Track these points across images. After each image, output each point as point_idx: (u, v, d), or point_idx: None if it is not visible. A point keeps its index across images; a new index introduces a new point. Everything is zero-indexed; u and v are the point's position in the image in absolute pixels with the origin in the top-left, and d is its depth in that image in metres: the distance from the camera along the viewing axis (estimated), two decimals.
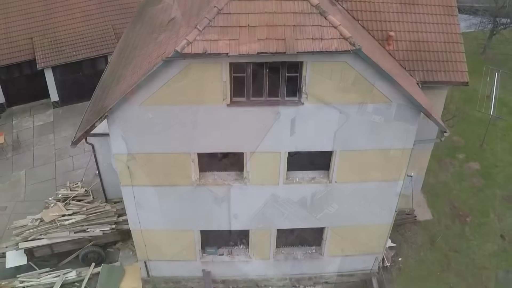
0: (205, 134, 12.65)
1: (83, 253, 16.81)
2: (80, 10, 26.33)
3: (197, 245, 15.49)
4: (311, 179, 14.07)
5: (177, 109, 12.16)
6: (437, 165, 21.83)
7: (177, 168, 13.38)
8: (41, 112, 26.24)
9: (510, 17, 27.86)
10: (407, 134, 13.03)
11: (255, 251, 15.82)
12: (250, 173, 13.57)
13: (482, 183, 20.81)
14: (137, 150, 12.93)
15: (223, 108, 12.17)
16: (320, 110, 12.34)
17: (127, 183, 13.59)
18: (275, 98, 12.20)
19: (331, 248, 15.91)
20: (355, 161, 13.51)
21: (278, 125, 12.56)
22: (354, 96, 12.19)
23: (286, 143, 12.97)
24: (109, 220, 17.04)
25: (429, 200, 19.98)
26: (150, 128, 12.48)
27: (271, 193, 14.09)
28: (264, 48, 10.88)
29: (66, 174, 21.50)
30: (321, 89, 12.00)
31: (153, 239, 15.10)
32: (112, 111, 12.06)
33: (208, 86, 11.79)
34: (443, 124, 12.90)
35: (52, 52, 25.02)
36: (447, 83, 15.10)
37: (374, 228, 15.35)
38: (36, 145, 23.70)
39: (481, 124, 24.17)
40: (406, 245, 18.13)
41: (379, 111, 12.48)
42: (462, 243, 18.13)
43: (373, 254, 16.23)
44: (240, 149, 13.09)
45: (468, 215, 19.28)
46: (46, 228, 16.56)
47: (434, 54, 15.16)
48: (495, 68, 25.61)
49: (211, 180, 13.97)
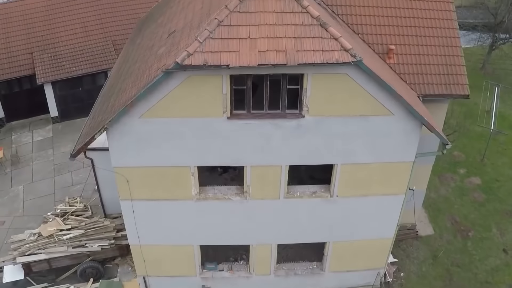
0: (205, 147, 12.55)
1: (82, 268, 16.55)
2: (81, 26, 26.51)
3: (196, 261, 15.27)
4: (312, 193, 13.93)
5: (177, 121, 12.08)
6: (438, 180, 21.75)
7: (177, 182, 13.24)
8: (40, 127, 26.19)
9: (509, 32, 28.02)
10: (408, 147, 12.95)
11: (255, 266, 15.59)
12: (251, 187, 13.43)
13: (483, 197, 20.68)
14: (137, 164, 12.81)
15: (224, 121, 12.09)
16: (321, 123, 12.27)
17: (126, 197, 13.43)
18: (275, 111, 12.14)
19: (332, 264, 15.68)
20: (357, 174, 13.39)
21: (278, 138, 12.47)
22: (355, 109, 12.14)
23: (286, 157, 12.87)
24: (108, 235, 16.83)
25: (430, 215, 19.83)
26: (150, 141, 12.38)
27: (272, 207, 13.93)
28: (264, 59, 10.86)
29: (65, 189, 21.33)
30: (322, 101, 11.95)
31: (152, 254, 14.88)
32: (111, 124, 11.97)
33: (208, 98, 11.74)
34: (444, 136, 12.81)
35: (52, 67, 25.09)
36: (448, 96, 15.08)
37: (376, 243, 15.15)
38: (35, 160, 23.58)
39: (481, 139, 24.19)
40: (408, 260, 17.91)
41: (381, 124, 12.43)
42: (464, 258, 17.92)
43: (375, 269, 16.00)
44: (241, 162, 12.97)
45: (470, 229, 19.11)
46: (44, 242, 16.34)
47: (434, 67, 15.19)
48: (494, 82, 25.68)
49: (211, 194, 13.83)
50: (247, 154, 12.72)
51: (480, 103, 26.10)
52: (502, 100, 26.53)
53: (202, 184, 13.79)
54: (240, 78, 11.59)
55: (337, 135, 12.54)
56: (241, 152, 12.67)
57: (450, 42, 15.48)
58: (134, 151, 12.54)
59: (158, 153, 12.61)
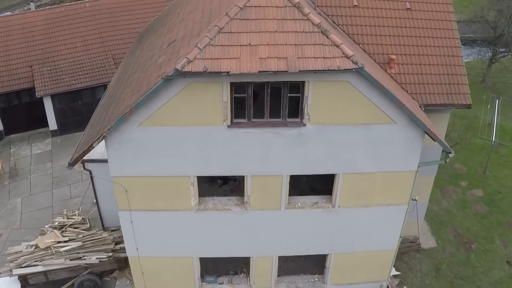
0: (205, 156, 12.38)
1: (79, 281, 16.23)
2: (81, 40, 26.58)
3: (196, 273, 14.96)
4: (314, 204, 13.72)
5: (176, 130, 11.93)
6: (440, 192, 21.57)
7: (176, 192, 13.03)
8: (39, 140, 26.05)
9: (508, 45, 28.11)
10: (411, 156, 12.78)
11: (256, 279, 15.28)
12: (251, 197, 13.22)
13: (486, 210, 20.47)
14: (135, 173, 12.62)
15: (224, 130, 11.96)
16: (323, 131, 12.13)
17: (125, 207, 13.21)
18: (276, 119, 12.02)
19: (334, 276, 15.38)
20: (359, 184, 13.20)
21: (279, 147, 12.32)
22: (357, 117, 12.01)
23: (287, 166, 12.69)
24: (106, 248, 16.55)
25: (432, 227, 19.60)
26: (149, 150, 12.22)
27: (273, 218, 13.70)
28: (265, 66, 10.78)
29: (63, 202, 21.11)
30: (324, 109, 11.84)
31: (151, 266, 14.58)
32: (110, 132, 11.83)
33: (208, 106, 11.62)
34: (447, 145, 12.67)
35: (52, 81, 25.07)
36: (449, 105, 15.01)
37: (379, 255, 14.87)
38: (34, 173, 23.39)
39: (483, 151, 24.11)
40: (411, 273, 17.62)
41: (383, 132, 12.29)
42: (467, 270, 17.64)
43: (378, 282, 15.67)
44: (241, 172, 12.78)
45: (473, 242, 18.85)
46: (41, 254, 16.05)
47: (436, 77, 15.15)
48: (495, 95, 25.67)
49: (211, 205, 13.61)
50: (248, 164, 12.55)
51: (481, 116, 26.05)
52: (503, 113, 26.50)
53: (202, 196, 13.61)
54: (241, 85, 11.49)
55: (338, 144, 12.39)
56: (241, 161, 12.50)
57: (451, 52, 15.47)
58: (133, 160, 12.37)
59: (157, 162, 12.43)
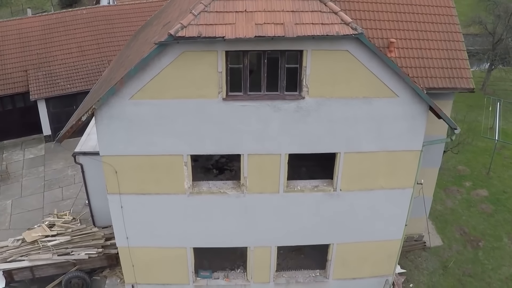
0: (199, 132, 11.82)
1: (66, 278, 15.30)
2: (77, 45, 26.36)
3: (190, 266, 14.14)
4: (314, 187, 13.07)
5: (169, 104, 11.43)
6: (444, 193, 20.92)
7: (169, 174, 12.41)
8: (32, 146, 25.52)
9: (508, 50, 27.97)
10: (415, 134, 12.26)
11: (253, 273, 14.46)
12: (248, 179, 12.59)
13: (491, 209, 19.77)
14: (126, 152, 12.03)
15: (219, 103, 11.45)
16: (322, 105, 11.63)
17: (115, 190, 12.55)
18: (274, 92, 11.53)
19: (336, 270, 14.57)
20: (361, 165, 12.60)
21: (277, 122, 11.79)
22: (358, 90, 11.55)
23: (286, 144, 12.13)
24: (96, 243, 15.74)
25: (438, 226, 18.86)
26: (140, 126, 11.68)
27: (271, 202, 13.03)
28: (262, 32, 10.36)
29: (54, 204, 20.36)
30: (323, 81, 11.38)
31: (142, 258, 13.79)
32: (100, 106, 11.33)
33: (202, 77, 11.16)
34: (453, 121, 12.15)
35: (46, 85, 24.71)
36: (452, 89, 14.52)
37: (384, 246, 14.11)
38: (25, 177, 22.74)
39: (485, 154, 23.65)
40: (417, 271, 16.77)
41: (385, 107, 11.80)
42: (476, 267, 16.81)
43: (383, 276, 14.84)
44: (237, 150, 12.19)
45: (480, 239, 18.08)
46: (27, 249, 15.24)
47: (437, 61, 14.71)
48: (496, 98, 25.36)
49: (205, 188, 12.96)
50: (244, 141, 11.98)
51: (482, 121, 25.71)
52: (504, 118, 26.14)
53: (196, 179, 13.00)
54: (236, 55, 11.07)
55: (339, 120, 11.86)
56: (237, 138, 11.94)
57: (452, 37, 15.10)
58: (124, 137, 11.82)
59: (149, 139, 11.87)
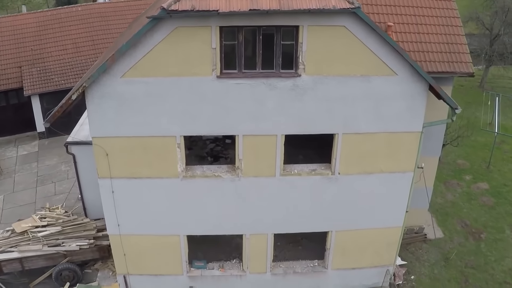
0: (192, 112, 11.48)
1: (57, 270, 14.81)
2: (72, 42, 26.11)
3: (183, 256, 13.69)
4: (312, 170, 12.71)
5: (162, 82, 11.10)
6: (444, 186, 20.58)
7: (161, 156, 12.04)
8: (26, 143, 25.15)
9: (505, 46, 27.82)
10: (415, 114, 11.94)
11: (249, 263, 14.02)
12: (243, 162, 12.23)
13: (493, 201, 19.42)
14: (117, 133, 11.67)
15: (213, 81, 11.13)
16: (319, 83, 11.32)
17: (105, 174, 12.17)
18: (269, 70, 11.22)
19: (335, 260, 14.14)
20: (360, 147, 12.26)
21: (273, 101, 11.46)
22: (356, 67, 11.25)
23: (282, 124, 11.78)
24: (88, 234, 15.27)
25: (438, 219, 18.47)
26: (132, 105, 11.33)
27: (267, 187, 12.65)
28: (256, 5, 10.08)
29: (47, 199, 19.89)
30: (319, 58, 11.08)
31: (134, 247, 13.35)
32: (91, 85, 11.01)
33: (196, 54, 10.85)
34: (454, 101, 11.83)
35: (40, 80, 24.41)
36: (451, 73, 14.22)
37: (384, 233, 13.71)
38: (18, 172, 22.34)
39: (485, 148, 23.39)
40: (418, 263, 16.34)
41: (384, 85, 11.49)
42: (479, 259, 16.40)
43: (383, 266, 14.42)
44: (231, 130, 11.83)
45: (482, 232, 17.69)
46: (17, 239, 14.76)
47: (436, 45, 14.46)
48: (495, 92, 25.14)
49: (199, 172, 12.58)
50: (239, 121, 11.64)
51: (481, 116, 25.47)
52: (504, 113, 25.90)
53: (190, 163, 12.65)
54: (231, 31, 10.77)
55: (336, 99, 11.54)
56: (232, 118, 11.59)
57: (450, 22, 14.85)
58: (115, 117, 11.47)
59: (141, 120, 11.52)
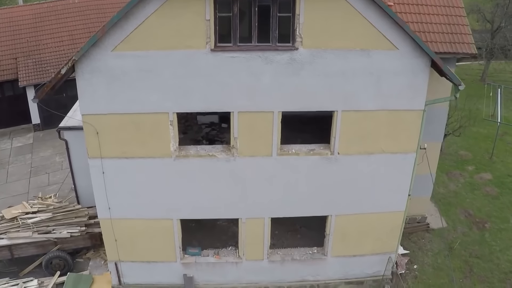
0: (185, 87, 11.05)
1: (47, 258, 14.35)
2: (68, 34, 25.83)
3: (176, 241, 13.20)
4: (310, 150, 12.26)
5: (154, 55, 10.68)
6: (446, 176, 20.15)
7: (154, 134, 11.59)
8: (21, 135, 24.81)
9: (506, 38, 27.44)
10: (416, 91, 11.50)
11: (246, 249, 13.55)
12: (239, 140, 11.79)
13: (496, 191, 18.97)
14: (108, 110, 11.26)
15: (207, 54, 10.72)
16: (317, 57, 10.89)
17: (96, 154, 11.74)
18: (265, 44, 10.80)
19: (335, 246, 13.65)
20: (360, 125, 11.80)
21: (269, 76, 11.04)
22: (355, 41, 10.82)
23: (279, 101, 11.35)
24: (79, 221, 14.84)
25: (441, 208, 18.01)
26: (123, 80, 10.91)
27: (264, 167, 12.20)
28: None
29: (40, 189, 19.50)
30: (317, 31, 10.65)
31: (125, 232, 12.87)
32: (81, 59, 10.61)
33: (189, 26, 10.43)
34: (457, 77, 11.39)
35: (36, 72, 24.09)
36: (453, 54, 13.82)
37: (386, 218, 13.20)
38: (12, 164, 21.97)
39: (487, 140, 23.05)
40: (421, 252, 15.86)
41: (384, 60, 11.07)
42: (483, 249, 15.91)
43: (385, 253, 13.91)
44: (226, 107, 11.39)
45: (486, 221, 17.21)
46: (6, 226, 14.32)
47: (437, 26, 14.10)
48: (497, 84, 24.76)
49: (192, 151, 12.14)
50: (234, 96, 11.21)
51: (483, 109, 25.09)
52: (505, 106, 25.50)
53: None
54: (226, 3, 10.36)
55: (335, 74, 11.11)
56: (226, 93, 11.16)
57: (452, 2, 14.53)
58: (106, 93, 11.05)
59: (133, 96, 11.10)
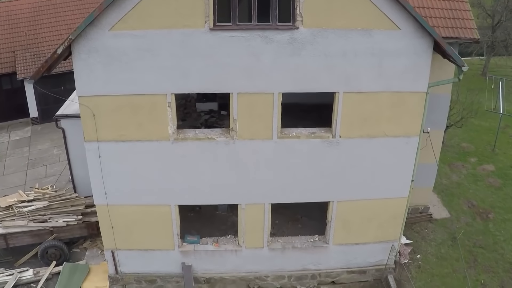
0: (184, 67, 10.82)
1: (43, 247, 14.10)
2: (66, 27, 25.66)
3: (174, 228, 12.92)
4: (311, 133, 12.02)
5: (152, 35, 10.45)
6: (449, 168, 19.96)
7: (151, 116, 11.34)
8: (19, 129, 24.70)
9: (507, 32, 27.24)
10: (419, 73, 11.27)
11: (245, 237, 13.28)
12: (238, 123, 11.55)
13: (499, 182, 18.75)
14: (105, 91, 11.03)
15: (205, 33, 10.49)
16: (318, 37, 10.65)
17: (92, 137, 11.50)
18: (265, 23, 10.58)
19: (337, 234, 13.36)
20: (362, 108, 11.56)
21: (269, 56, 10.81)
22: (356, 20, 10.59)
23: (279, 81, 11.11)
24: (76, 210, 14.59)
25: (444, 199, 17.78)
26: (121, 61, 10.69)
27: (264, 151, 11.95)
28: None
29: (37, 181, 19.31)
30: (318, 10, 10.43)
31: (122, 219, 12.59)
32: (78, 39, 10.43)
33: (188, 5, 10.21)
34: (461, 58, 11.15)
35: (34, 65, 23.98)
36: (456, 39, 13.61)
37: (388, 205, 12.94)
38: (9, 156, 21.83)
39: (489, 132, 22.92)
40: (424, 242, 15.59)
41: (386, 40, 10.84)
42: (487, 239, 15.65)
43: (388, 241, 13.62)
44: (225, 87, 11.14)
45: (490, 212, 16.96)
46: (1, 215, 14.07)
47: (439, 11, 13.93)
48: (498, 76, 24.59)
49: (191, 134, 11.90)
50: (233, 77, 10.97)
51: (484, 102, 24.88)
52: (507, 99, 25.37)
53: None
54: None
55: (337, 54, 10.87)
56: (226, 74, 10.92)
57: None
58: (103, 74, 10.83)
59: (130, 76, 10.87)
